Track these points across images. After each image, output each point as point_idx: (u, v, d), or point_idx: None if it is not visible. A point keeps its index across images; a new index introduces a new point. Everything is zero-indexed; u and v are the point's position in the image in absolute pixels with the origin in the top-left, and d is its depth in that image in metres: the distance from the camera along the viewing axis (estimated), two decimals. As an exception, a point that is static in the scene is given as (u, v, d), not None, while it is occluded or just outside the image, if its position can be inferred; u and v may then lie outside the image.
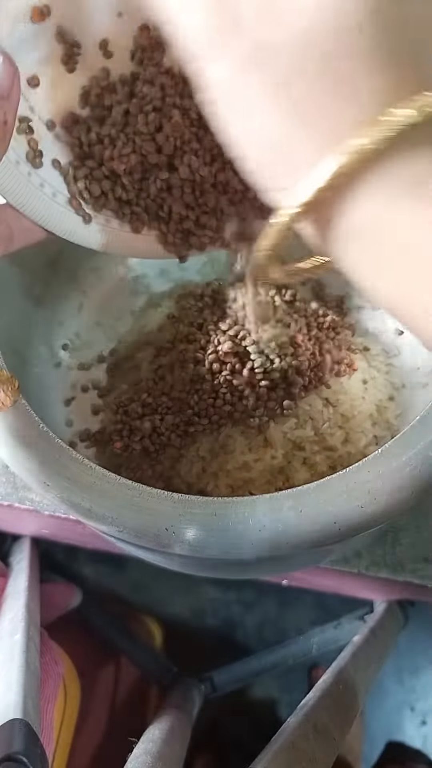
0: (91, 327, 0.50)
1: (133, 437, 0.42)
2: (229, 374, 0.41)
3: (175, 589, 1.05)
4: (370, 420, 0.43)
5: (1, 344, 0.36)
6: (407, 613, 0.62)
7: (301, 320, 0.44)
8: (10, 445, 0.33)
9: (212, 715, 0.92)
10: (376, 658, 0.55)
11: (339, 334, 0.46)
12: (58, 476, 0.31)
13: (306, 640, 0.70)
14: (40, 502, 0.45)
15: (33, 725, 0.35)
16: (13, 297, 0.42)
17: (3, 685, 0.38)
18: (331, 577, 0.52)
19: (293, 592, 1.03)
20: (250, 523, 0.28)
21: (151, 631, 0.91)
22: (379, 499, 0.29)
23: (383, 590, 0.58)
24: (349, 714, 0.47)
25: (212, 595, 1.04)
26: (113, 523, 0.30)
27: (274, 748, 0.40)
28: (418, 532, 0.43)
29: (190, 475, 0.42)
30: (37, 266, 0.45)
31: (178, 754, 0.48)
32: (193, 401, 0.42)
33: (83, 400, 0.47)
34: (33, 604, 0.50)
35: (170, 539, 0.29)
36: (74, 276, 0.50)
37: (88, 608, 0.69)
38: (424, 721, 1.00)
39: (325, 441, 0.41)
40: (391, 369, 0.46)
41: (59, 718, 0.51)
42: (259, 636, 1.02)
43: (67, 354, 0.48)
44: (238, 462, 0.41)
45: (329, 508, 0.29)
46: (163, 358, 0.43)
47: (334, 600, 1.01)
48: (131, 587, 1.04)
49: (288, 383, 0.42)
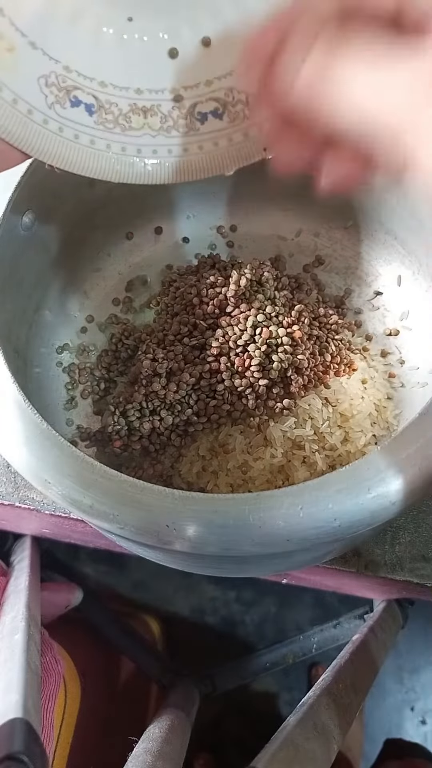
0: (91, 327, 0.50)
1: (132, 437, 0.42)
2: (228, 374, 0.42)
3: (175, 588, 1.05)
4: (369, 419, 0.43)
5: (2, 344, 0.36)
6: (407, 613, 0.63)
7: (300, 320, 0.44)
8: (11, 443, 0.33)
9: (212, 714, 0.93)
10: (375, 657, 0.55)
11: (338, 334, 0.46)
12: (60, 474, 0.31)
13: (306, 638, 0.71)
14: (41, 501, 0.45)
15: (33, 724, 0.35)
16: (14, 298, 0.42)
17: (4, 685, 0.38)
18: (330, 576, 0.52)
19: (293, 590, 1.03)
20: (250, 519, 0.29)
21: (152, 630, 0.91)
22: (379, 497, 0.29)
23: (382, 589, 0.58)
24: (349, 713, 0.47)
25: (212, 594, 1.05)
26: (114, 520, 0.30)
27: (274, 747, 0.40)
28: (417, 531, 0.43)
29: (191, 474, 0.42)
30: (38, 267, 0.45)
31: (179, 752, 0.48)
32: (193, 401, 0.42)
33: (83, 400, 0.48)
34: (34, 603, 0.50)
35: (171, 536, 0.29)
36: (75, 277, 0.50)
37: (89, 607, 0.69)
38: (424, 720, 1.00)
39: (324, 440, 0.42)
40: (389, 369, 0.47)
41: (60, 716, 0.51)
42: (259, 635, 1.02)
43: (68, 354, 0.49)
44: (238, 461, 0.41)
45: (329, 506, 0.29)
46: (162, 355, 0.44)
47: (334, 599, 1.02)
48: (132, 586, 1.04)
49: (287, 382, 0.42)
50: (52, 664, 0.51)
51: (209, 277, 0.45)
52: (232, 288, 0.43)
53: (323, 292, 0.51)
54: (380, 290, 0.50)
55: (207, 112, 0.33)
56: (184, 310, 0.46)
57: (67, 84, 0.30)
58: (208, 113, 0.33)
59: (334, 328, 0.47)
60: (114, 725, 0.62)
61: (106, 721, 0.62)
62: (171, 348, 0.44)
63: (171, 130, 0.33)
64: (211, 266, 0.49)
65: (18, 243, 0.41)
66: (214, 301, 0.44)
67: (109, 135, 0.32)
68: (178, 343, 0.44)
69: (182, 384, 0.42)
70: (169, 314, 0.47)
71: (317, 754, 0.41)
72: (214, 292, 0.44)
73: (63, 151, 0.32)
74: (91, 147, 0.32)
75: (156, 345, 0.45)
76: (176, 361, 0.43)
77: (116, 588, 1.04)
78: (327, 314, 0.47)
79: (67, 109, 0.31)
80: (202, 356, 0.43)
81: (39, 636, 0.46)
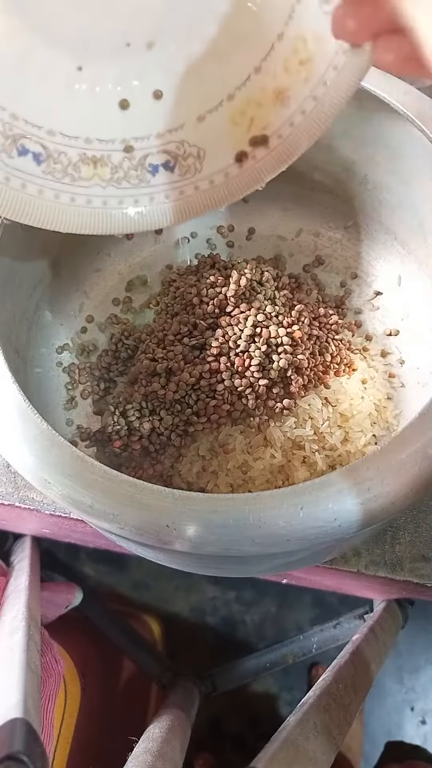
0: (91, 327, 0.50)
1: (132, 437, 0.42)
2: (228, 374, 0.42)
3: (175, 588, 1.05)
4: (369, 419, 0.43)
5: (2, 344, 0.36)
6: (407, 613, 0.63)
7: (300, 320, 0.44)
8: (11, 443, 0.33)
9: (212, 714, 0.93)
10: (375, 657, 0.55)
11: (338, 334, 0.47)
12: (60, 474, 0.31)
13: (306, 638, 0.71)
14: (42, 501, 0.45)
15: (33, 724, 0.35)
16: (14, 298, 0.42)
17: (4, 685, 0.38)
18: (330, 576, 0.52)
19: (293, 591, 1.03)
20: (250, 519, 0.29)
21: (152, 630, 0.91)
22: (379, 496, 0.29)
23: (382, 589, 0.58)
24: (349, 713, 0.47)
25: (212, 594, 1.05)
26: (114, 520, 0.30)
27: (274, 747, 0.40)
28: (417, 530, 0.43)
29: (190, 474, 0.42)
30: (38, 267, 0.45)
31: (179, 752, 0.48)
32: (193, 400, 0.42)
33: (83, 400, 0.48)
34: (34, 603, 0.50)
35: (171, 536, 0.29)
36: (75, 277, 0.50)
37: (89, 607, 0.69)
38: (424, 720, 1.00)
39: (324, 440, 0.42)
40: (389, 369, 0.47)
41: (60, 716, 0.51)
42: (259, 635, 1.02)
43: (68, 354, 0.49)
44: (238, 461, 0.41)
45: (329, 506, 0.29)
46: (161, 355, 0.44)
47: (334, 599, 1.02)
48: (132, 586, 1.04)
49: (287, 382, 0.42)
50: (52, 664, 0.51)
51: (209, 277, 0.45)
52: (232, 288, 0.43)
53: (323, 292, 0.51)
54: (380, 290, 0.50)
55: (158, 164, 0.32)
56: (184, 310, 0.46)
57: (14, 132, 0.30)
58: (160, 165, 0.32)
59: (334, 328, 0.47)
60: (114, 725, 0.62)
61: (106, 721, 0.62)
62: (171, 348, 0.44)
63: (122, 181, 0.33)
64: (211, 266, 0.49)
65: (18, 243, 0.41)
66: (214, 300, 0.44)
67: (57, 185, 0.32)
68: (178, 343, 0.44)
69: (182, 384, 0.42)
70: (169, 314, 0.47)
71: (317, 754, 0.41)
72: (214, 291, 0.44)
73: (9, 201, 0.31)
74: (38, 197, 0.32)
75: (156, 345, 0.45)
76: (176, 360, 0.43)
77: (116, 588, 1.04)
78: (327, 314, 0.47)
79: (14, 158, 0.30)
80: (201, 356, 0.43)
81: (39, 636, 0.46)
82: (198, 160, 0.32)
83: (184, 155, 0.32)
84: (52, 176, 0.32)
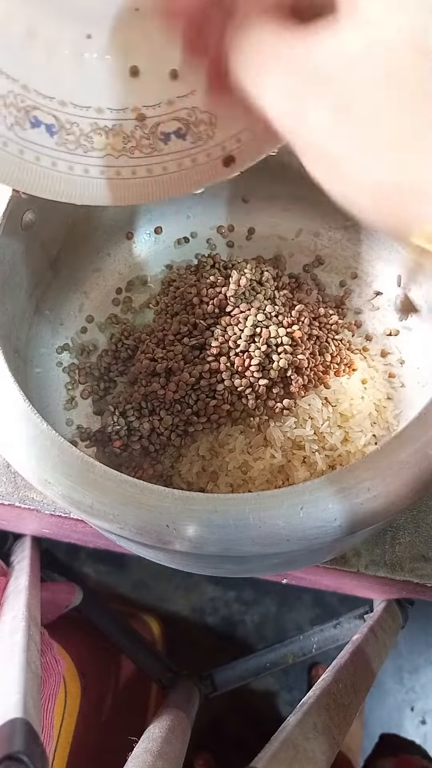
0: (91, 327, 0.50)
1: (132, 437, 0.42)
2: (228, 374, 0.42)
3: (175, 588, 1.05)
4: (369, 419, 0.43)
5: (2, 344, 0.36)
6: (407, 613, 0.63)
7: (300, 320, 0.44)
8: (11, 443, 0.33)
9: (212, 714, 0.93)
10: (375, 657, 0.55)
11: (338, 334, 0.47)
12: (60, 474, 0.31)
13: (306, 638, 0.71)
14: (42, 501, 0.45)
15: (33, 724, 0.35)
16: (14, 298, 0.42)
17: (3, 685, 0.38)
18: (330, 576, 0.52)
19: (293, 590, 1.03)
20: (250, 519, 0.29)
21: (152, 630, 0.91)
22: (379, 496, 0.29)
23: (382, 589, 0.58)
24: (349, 713, 0.47)
25: (212, 594, 1.05)
26: (114, 520, 0.30)
27: (274, 747, 0.40)
28: (417, 530, 0.43)
29: (190, 474, 0.42)
30: (38, 267, 0.45)
31: (179, 752, 0.48)
32: (192, 400, 0.42)
33: (83, 400, 0.48)
34: (34, 603, 0.50)
35: (171, 536, 0.29)
36: (75, 277, 0.50)
37: (89, 607, 0.69)
38: (424, 720, 1.00)
39: (324, 440, 0.42)
40: (389, 369, 0.47)
41: (60, 716, 0.51)
42: (259, 635, 1.02)
43: (68, 354, 0.49)
44: (238, 461, 0.41)
45: (329, 505, 0.29)
46: (161, 355, 0.44)
47: (334, 599, 1.02)
48: (132, 586, 1.04)
49: (287, 382, 0.42)
50: (52, 664, 0.51)
51: (209, 277, 0.45)
52: (232, 288, 0.43)
53: (323, 292, 0.51)
54: (380, 290, 0.50)
55: (170, 132, 0.32)
56: (184, 310, 0.46)
57: (26, 104, 0.30)
58: (171, 133, 0.32)
59: (334, 328, 0.47)
60: (114, 725, 0.62)
61: (106, 721, 0.62)
62: (170, 348, 0.44)
63: (134, 150, 0.32)
64: (211, 266, 0.49)
65: (18, 243, 0.41)
66: (214, 300, 0.44)
67: (70, 156, 0.32)
68: (178, 343, 0.44)
69: (182, 384, 0.42)
70: (169, 314, 0.47)
71: (317, 754, 0.41)
72: (214, 291, 0.44)
73: (24, 174, 0.31)
74: (52, 169, 0.32)
75: (155, 345, 0.45)
76: (176, 360, 0.43)
77: (116, 588, 1.04)
78: (327, 314, 0.47)
79: (27, 130, 0.30)
80: (201, 356, 0.43)
81: (39, 636, 0.46)
82: (210, 126, 0.32)
83: (195, 122, 0.32)
84: (65, 147, 0.31)
